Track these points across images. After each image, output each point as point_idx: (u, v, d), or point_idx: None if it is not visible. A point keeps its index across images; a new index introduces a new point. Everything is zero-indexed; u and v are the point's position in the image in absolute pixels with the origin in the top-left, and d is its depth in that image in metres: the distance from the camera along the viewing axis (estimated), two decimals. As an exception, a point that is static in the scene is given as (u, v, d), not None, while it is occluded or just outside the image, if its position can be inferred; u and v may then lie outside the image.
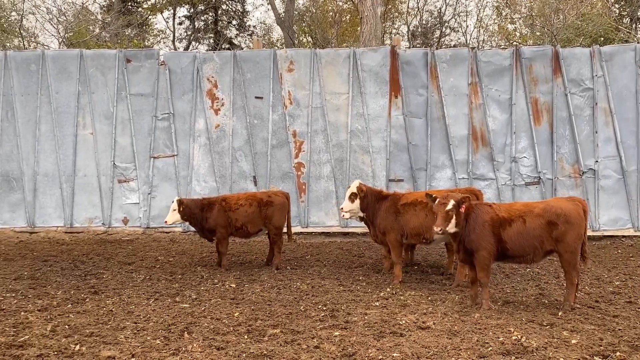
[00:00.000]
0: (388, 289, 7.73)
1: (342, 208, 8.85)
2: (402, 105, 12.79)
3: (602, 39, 18.48)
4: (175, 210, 9.23)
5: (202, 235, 9.70)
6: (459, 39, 28.40)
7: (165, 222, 9.42)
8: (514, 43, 24.44)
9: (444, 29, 28.34)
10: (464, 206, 6.74)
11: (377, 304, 6.96)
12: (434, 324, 6.06)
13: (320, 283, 8.14)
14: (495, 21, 28.31)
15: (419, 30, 27.28)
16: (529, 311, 6.66)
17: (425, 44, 27.95)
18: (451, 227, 6.71)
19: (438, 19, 28.08)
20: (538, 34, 25.96)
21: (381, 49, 13.04)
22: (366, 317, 6.32)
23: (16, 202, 13.09)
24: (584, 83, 12.53)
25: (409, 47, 26.53)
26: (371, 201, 8.57)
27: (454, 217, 6.68)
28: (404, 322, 6.13)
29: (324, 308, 6.73)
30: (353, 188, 8.66)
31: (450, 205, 6.65)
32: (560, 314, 6.49)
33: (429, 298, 7.29)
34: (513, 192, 12.60)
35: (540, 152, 12.55)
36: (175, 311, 6.65)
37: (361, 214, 8.72)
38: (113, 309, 6.76)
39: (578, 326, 6.03)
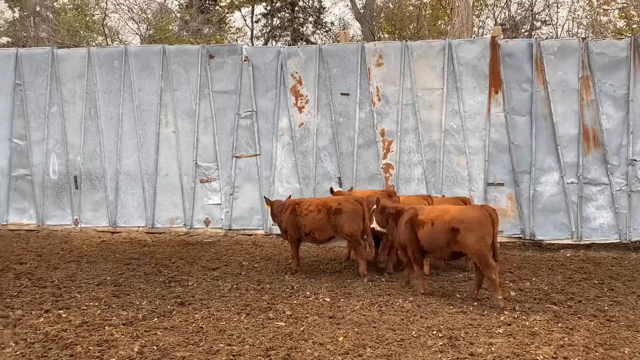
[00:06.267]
0: (506, 312, 6.72)
1: None
2: (504, 102, 11.66)
3: None
4: None
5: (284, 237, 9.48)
6: (550, 32, 26.54)
7: None
8: (630, 31, 22.47)
9: (534, 22, 26.53)
10: (375, 206, 8.18)
11: (501, 330, 5.97)
12: (580, 362, 5.03)
13: (426, 301, 7.22)
14: (589, 13, 26.27)
15: (507, 23, 25.64)
16: (691, 348, 5.50)
17: (515, 38, 26.26)
18: (375, 225, 8.26)
19: (529, 11, 26.33)
20: (634, 26, 23.83)
21: (480, 40, 11.95)
22: (493, 349, 5.37)
23: (98, 201, 12.90)
24: None
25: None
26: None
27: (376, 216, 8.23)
28: (541, 358, 5.14)
29: (440, 335, 5.81)
30: None
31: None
32: None
33: (559, 325, 6.23)
34: (630, 199, 11.23)
35: (662, 155, 11.13)
36: (271, 331, 5.93)
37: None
38: (203, 326, 6.13)
39: None
